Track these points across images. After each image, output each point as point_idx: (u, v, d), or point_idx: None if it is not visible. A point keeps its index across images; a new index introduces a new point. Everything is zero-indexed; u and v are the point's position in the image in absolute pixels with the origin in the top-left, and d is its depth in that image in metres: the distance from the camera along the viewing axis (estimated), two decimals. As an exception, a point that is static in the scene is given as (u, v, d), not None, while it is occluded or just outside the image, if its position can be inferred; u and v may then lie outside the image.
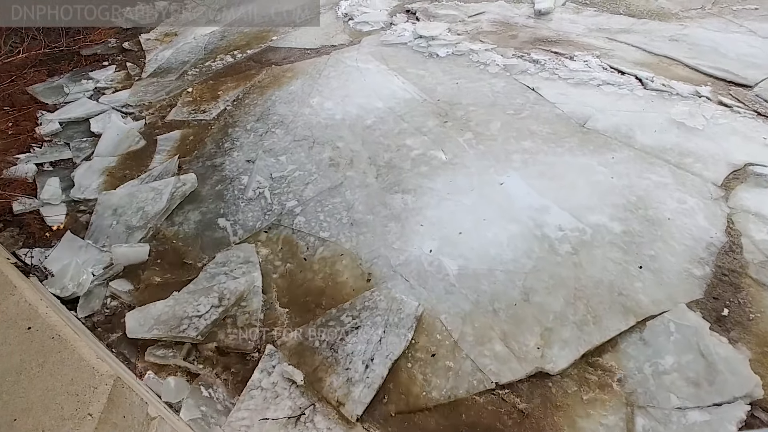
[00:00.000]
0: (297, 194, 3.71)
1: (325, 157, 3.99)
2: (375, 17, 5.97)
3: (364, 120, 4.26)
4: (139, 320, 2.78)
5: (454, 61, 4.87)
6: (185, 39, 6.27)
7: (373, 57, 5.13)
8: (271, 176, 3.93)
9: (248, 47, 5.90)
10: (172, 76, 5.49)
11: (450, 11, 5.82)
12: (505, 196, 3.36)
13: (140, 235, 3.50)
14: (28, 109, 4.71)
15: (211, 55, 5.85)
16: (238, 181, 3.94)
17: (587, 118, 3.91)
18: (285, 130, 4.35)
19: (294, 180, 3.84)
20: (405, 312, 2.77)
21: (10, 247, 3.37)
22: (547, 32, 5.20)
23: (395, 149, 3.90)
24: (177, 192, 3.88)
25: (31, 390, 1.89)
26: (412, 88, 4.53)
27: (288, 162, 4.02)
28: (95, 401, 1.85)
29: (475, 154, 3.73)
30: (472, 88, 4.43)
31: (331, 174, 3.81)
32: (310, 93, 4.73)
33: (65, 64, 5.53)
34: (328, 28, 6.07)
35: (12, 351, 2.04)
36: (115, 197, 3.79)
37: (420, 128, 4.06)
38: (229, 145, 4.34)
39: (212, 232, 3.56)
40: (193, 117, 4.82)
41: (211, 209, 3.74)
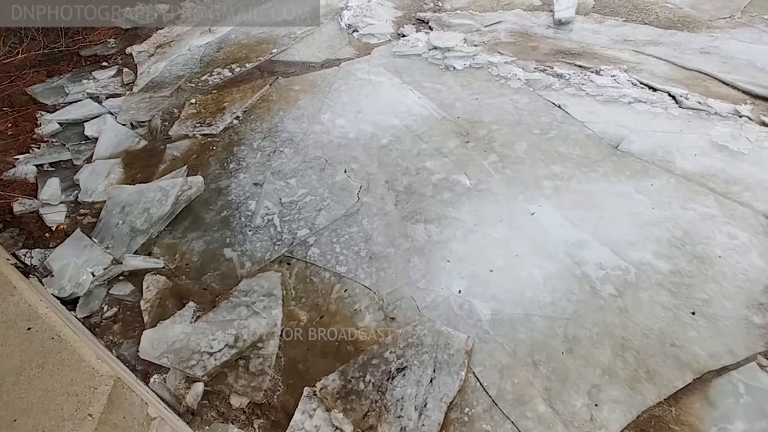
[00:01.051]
0: (309, 222, 3.43)
1: (338, 181, 3.71)
2: (381, 29, 5.67)
3: (379, 139, 3.97)
4: (154, 342, 2.68)
5: (473, 75, 4.59)
6: (179, 50, 5.84)
7: (386, 69, 4.85)
8: (281, 201, 3.64)
9: (247, 60, 5.48)
10: (166, 91, 5.09)
11: (464, 20, 5.54)
12: (537, 228, 3.08)
13: (142, 240, 3.41)
14: (28, 110, 4.68)
15: (207, 69, 5.43)
16: (245, 207, 3.66)
17: (620, 139, 3.63)
18: (294, 149, 4.06)
19: (305, 206, 3.56)
20: (454, 347, 2.51)
21: (10, 248, 3.34)
22: (569, 44, 4.93)
23: (414, 172, 3.62)
24: (182, 196, 3.66)
25: (30, 391, 1.88)
26: (429, 104, 4.25)
27: (298, 185, 3.73)
28: (95, 402, 1.84)
29: (502, 180, 3.44)
30: (493, 105, 4.15)
31: (345, 199, 3.53)
32: (320, 108, 4.45)
33: (64, 65, 5.49)
34: (332, 40, 5.69)
35: (12, 352, 2.03)
36: (125, 193, 3.69)
37: (440, 149, 3.78)
38: (235, 166, 4.06)
39: (217, 264, 3.28)
40: (199, 131, 4.54)
41: (216, 238, 3.45)
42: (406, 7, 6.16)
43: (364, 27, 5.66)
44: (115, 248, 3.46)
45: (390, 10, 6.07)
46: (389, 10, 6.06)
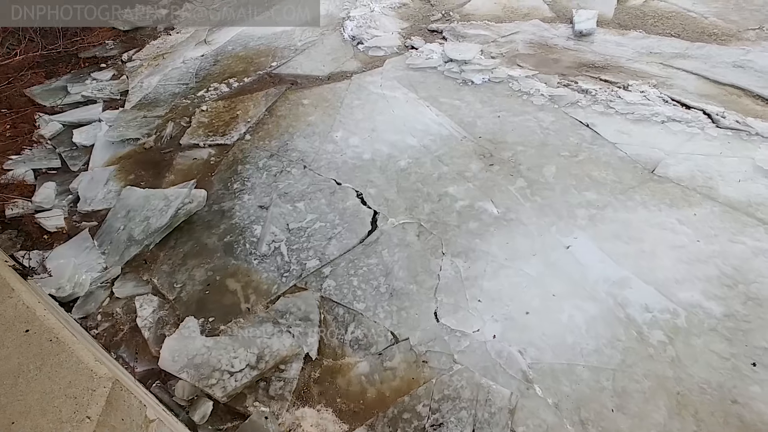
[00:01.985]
0: (318, 251, 3.20)
1: (350, 206, 3.47)
2: (388, 41, 5.40)
3: (396, 161, 3.73)
4: (174, 353, 2.62)
5: (492, 90, 4.35)
6: (173, 63, 5.52)
7: (400, 83, 4.60)
8: (288, 227, 3.40)
9: (245, 74, 5.17)
10: (160, 110, 4.77)
11: (480, 31, 5.30)
12: (574, 264, 2.83)
13: (136, 250, 3.35)
14: (26, 112, 4.68)
15: (204, 84, 5.11)
16: (249, 232, 3.41)
17: (656, 162, 3.39)
18: (302, 170, 3.82)
19: (314, 233, 3.31)
20: (496, 404, 2.28)
21: (8, 250, 3.33)
22: (592, 56, 4.68)
23: (436, 199, 3.37)
24: (183, 209, 3.51)
25: (29, 393, 1.87)
26: (448, 122, 4.00)
27: (307, 210, 3.49)
28: (93, 404, 1.83)
29: (532, 208, 3.20)
30: (516, 123, 3.90)
31: (357, 227, 3.29)
32: (332, 125, 4.20)
33: (63, 67, 5.48)
34: (336, 52, 5.35)
35: (10, 354, 2.02)
36: (134, 196, 3.66)
37: (463, 173, 3.53)
38: (239, 186, 3.81)
39: (220, 296, 3.04)
40: (212, 140, 4.35)
41: (219, 266, 3.21)
42: (412, 18, 5.91)
43: (369, 39, 5.40)
44: (110, 255, 3.36)
45: (395, 21, 5.81)
46: (395, 21, 5.80)
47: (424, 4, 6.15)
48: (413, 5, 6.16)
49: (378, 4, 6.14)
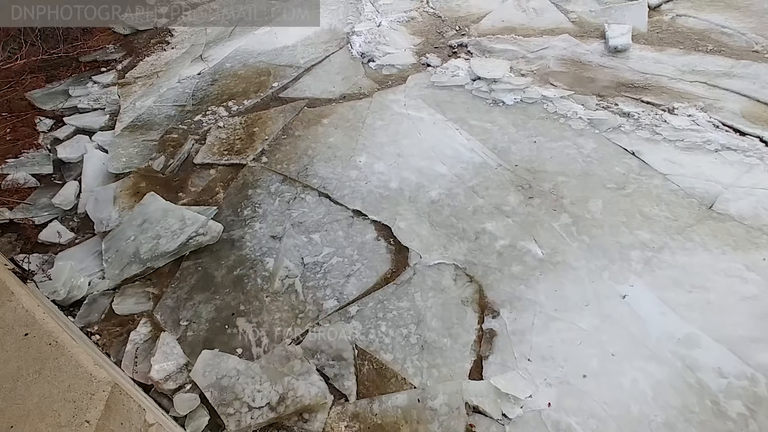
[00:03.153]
0: (336, 290, 2.93)
1: (368, 240, 3.21)
2: (401, 58, 5.02)
3: (427, 191, 3.44)
4: (207, 367, 2.55)
5: (525, 112, 4.05)
6: (168, 82, 5.14)
7: (425, 102, 4.31)
8: (303, 261, 3.13)
9: (245, 96, 4.80)
10: (155, 134, 4.45)
11: (507, 46, 5.01)
12: (633, 317, 2.53)
13: (136, 270, 3.19)
14: (27, 115, 4.68)
15: (201, 106, 4.74)
16: (261, 265, 3.15)
17: (714, 197, 3.09)
18: (316, 198, 3.60)
19: (331, 269, 3.04)
20: None
21: (8, 253, 3.31)
22: (630, 75, 4.39)
23: (473, 237, 3.08)
24: (194, 240, 3.28)
25: (28, 397, 1.88)
26: (480, 148, 3.71)
27: (323, 242, 3.22)
28: (92, 408, 1.84)
29: (580, 249, 2.90)
30: (555, 150, 3.61)
31: (377, 264, 3.03)
32: (354, 148, 3.92)
33: (63, 71, 5.47)
34: (345, 70, 5.00)
35: (9, 357, 2.03)
36: (154, 207, 3.52)
37: (500, 206, 3.24)
38: (250, 213, 3.55)
39: (228, 337, 2.80)
40: (227, 159, 4.08)
41: (228, 303, 2.95)
42: (423, 33, 5.60)
43: (381, 56, 5.09)
44: (112, 266, 3.24)
45: (406, 37, 5.51)
46: (406, 37, 5.50)
47: (434, 19, 5.85)
48: (422, 19, 5.87)
49: (384, 18, 5.85)
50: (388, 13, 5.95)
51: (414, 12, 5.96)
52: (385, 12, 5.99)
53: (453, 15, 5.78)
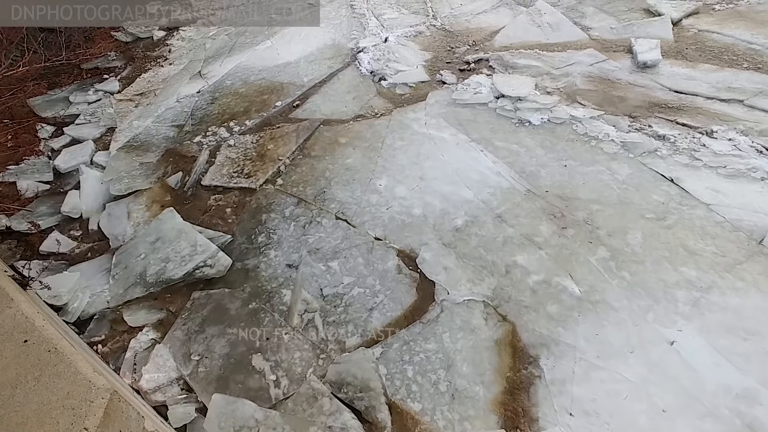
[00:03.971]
0: (359, 326, 2.75)
1: (390, 268, 3.02)
2: (414, 76, 4.80)
3: (452, 219, 3.24)
4: (222, 416, 2.35)
5: (554, 133, 3.85)
6: (166, 100, 5.01)
7: (447, 121, 4.13)
8: (322, 292, 2.95)
9: (247, 116, 4.63)
10: (152, 155, 4.32)
11: (531, 61, 4.81)
12: (683, 366, 2.32)
13: (139, 293, 3.10)
14: (28, 122, 4.72)
15: (201, 127, 4.59)
16: (278, 297, 2.97)
17: (764, 231, 2.87)
18: (333, 221, 3.43)
19: (353, 301, 2.86)
20: None
21: (8, 260, 3.30)
22: (662, 93, 4.17)
23: (504, 270, 2.87)
24: (199, 271, 3.14)
25: (26, 404, 1.88)
26: (507, 172, 3.51)
27: (342, 271, 3.03)
28: (91, 415, 1.83)
29: (620, 287, 2.68)
30: (587, 176, 3.40)
31: (401, 296, 2.85)
32: (373, 170, 3.73)
33: (65, 78, 5.50)
34: (355, 89, 4.82)
35: (8, 364, 2.03)
36: (171, 224, 3.44)
37: (531, 237, 3.03)
38: (264, 240, 3.37)
39: (244, 376, 2.62)
40: (236, 182, 3.91)
41: (243, 339, 2.79)
42: (433, 48, 5.42)
43: (393, 75, 4.89)
44: (117, 283, 3.19)
45: (416, 53, 5.32)
46: (415, 53, 5.31)
47: (443, 34, 5.68)
48: (430, 33, 5.70)
49: (390, 32, 5.67)
50: (393, 28, 5.79)
51: (421, 26, 5.80)
52: (390, 27, 5.83)
53: (463, 30, 5.61)
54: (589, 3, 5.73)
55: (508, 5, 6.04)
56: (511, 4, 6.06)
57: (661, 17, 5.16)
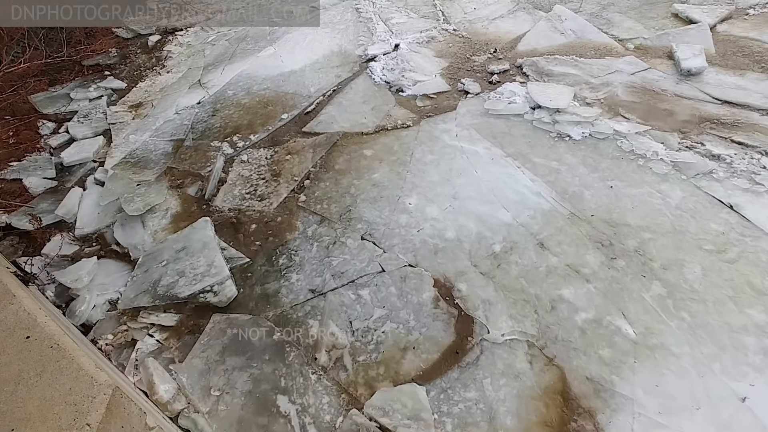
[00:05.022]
0: (392, 368, 2.56)
1: (426, 300, 2.79)
2: (434, 85, 4.54)
3: (489, 244, 3.00)
4: None
5: (596, 149, 3.58)
6: (165, 112, 4.73)
7: (480, 134, 3.87)
8: (351, 326, 2.74)
9: (251, 129, 4.34)
10: (150, 173, 4.02)
11: (568, 69, 4.53)
12: (759, 428, 2.04)
13: (147, 302, 2.98)
14: (29, 119, 4.70)
15: (203, 142, 4.28)
16: (304, 329, 2.78)
17: (839, 269, 2.56)
18: (358, 242, 3.21)
19: (385, 338, 2.66)
20: None
21: (10, 256, 3.30)
22: (713, 107, 3.87)
23: (549, 306, 2.62)
24: (203, 296, 2.99)
25: (29, 400, 1.90)
26: (547, 192, 3.26)
27: (373, 301, 2.82)
28: (93, 411, 1.84)
29: (680, 330, 2.42)
30: (636, 199, 3.13)
31: (439, 334, 2.62)
32: (402, 187, 3.49)
33: (66, 74, 5.46)
34: (372, 99, 4.52)
35: (10, 360, 2.05)
36: (199, 235, 3.30)
37: (578, 268, 2.78)
38: (285, 262, 3.16)
39: (269, 419, 2.45)
40: (248, 204, 3.68)
41: (267, 375, 2.58)
42: (448, 55, 5.13)
43: (411, 86, 4.58)
44: (132, 285, 3.09)
45: (432, 60, 5.02)
46: (431, 60, 5.02)
47: (457, 39, 5.40)
48: (443, 39, 5.42)
49: (400, 39, 5.37)
50: (402, 33, 5.51)
51: (433, 31, 5.52)
52: (400, 32, 5.55)
53: (481, 37, 5.33)
54: (613, 10, 5.43)
55: (526, 10, 5.73)
56: (528, 8, 5.75)
57: (697, 24, 4.85)
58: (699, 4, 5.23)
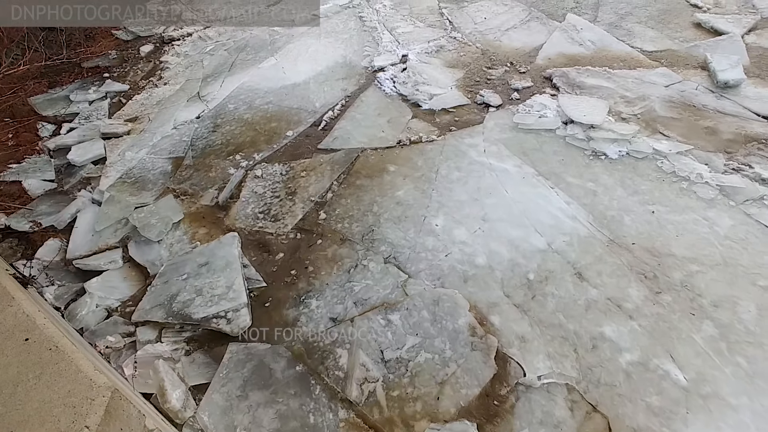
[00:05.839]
0: (429, 404, 2.37)
1: (462, 327, 2.62)
2: (451, 99, 4.25)
3: (523, 272, 2.82)
4: None
5: (635, 169, 3.37)
6: (162, 128, 4.49)
7: (509, 149, 3.68)
8: (382, 356, 2.56)
9: (254, 147, 4.12)
10: (148, 194, 3.80)
11: (600, 81, 4.31)
12: (832, 496, 1.83)
13: (160, 317, 2.88)
14: (29, 121, 4.69)
15: (204, 160, 4.08)
16: (332, 359, 2.62)
17: None
18: (381, 265, 3.04)
19: (420, 371, 2.47)
20: None
21: (9, 258, 3.29)
22: (758, 125, 3.66)
23: (589, 345, 2.43)
24: (214, 322, 2.81)
25: (27, 402, 1.89)
26: (584, 216, 3.06)
27: (405, 328, 2.65)
28: (92, 413, 1.84)
29: (736, 377, 2.22)
30: (680, 226, 2.92)
31: (478, 369, 2.45)
32: (428, 206, 3.32)
33: (66, 76, 5.44)
34: (387, 111, 4.30)
35: (9, 362, 2.05)
36: (224, 251, 3.19)
37: (619, 302, 2.58)
38: (304, 286, 3.00)
39: None
40: (261, 225, 3.52)
41: (294, 411, 2.42)
42: (461, 65, 4.88)
43: (428, 100, 4.33)
44: (149, 297, 3.00)
45: (444, 71, 4.79)
46: (443, 72, 4.78)
47: (468, 48, 5.16)
48: (453, 48, 5.19)
49: (408, 49, 5.16)
50: (410, 43, 5.30)
51: (441, 41, 5.30)
52: (406, 42, 5.34)
53: (495, 48, 5.10)
54: (631, 20, 5.19)
55: (539, 19, 5.49)
56: (542, 18, 5.51)
57: (728, 35, 4.61)
58: (722, 14, 5.00)
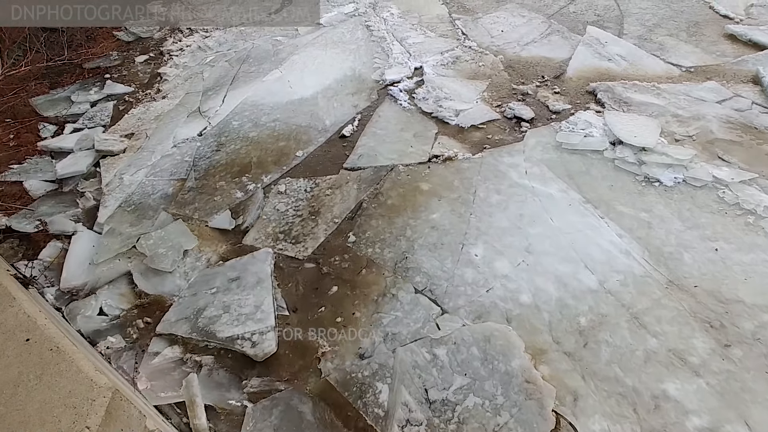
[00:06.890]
0: None
1: (516, 369, 2.41)
2: (479, 114, 4.10)
3: (573, 315, 2.58)
4: None
5: (693, 200, 3.09)
6: (161, 145, 4.18)
7: (552, 171, 3.43)
8: (426, 395, 2.39)
9: (262, 168, 3.83)
10: (149, 223, 3.49)
11: (649, 98, 4.02)
12: None
13: (184, 331, 2.80)
14: (30, 122, 4.69)
15: (208, 182, 3.77)
16: (371, 394, 2.45)
17: None
18: (412, 295, 2.84)
19: (468, 417, 2.30)
20: None
21: (10, 259, 3.26)
22: (830, 153, 3.30)
23: (650, 403, 2.20)
24: (238, 344, 2.70)
25: (28, 403, 1.90)
26: (638, 251, 2.81)
27: (452, 365, 2.48)
28: (93, 414, 1.86)
29: (824, 453, 1.94)
30: (748, 267, 2.66)
31: (532, 419, 2.23)
32: (466, 233, 3.09)
33: (67, 77, 5.43)
34: (409, 126, 4.04)
35: (10, 363, 2.06)
36: (257, 267, 3.09)
37: (683, 355, 2.33)
38: (329, 315, 2.83)
39: None
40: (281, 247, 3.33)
41: None
42: (482, 76, 4.61)
43: (455, 116, 4.08)
44: (177, 307, 2.92)
45: (465, 84, 4.50)
46: (464, 84, 4.50)
47: (486, 58, 4.88)
48: (470, 59, 4.93)
49: (421, 61, 4.85)
50: (421, 55, 5.01)
51: (456, 51, 5.02)
52: (418, 53, 5.05)
53: (521, 63, 4.81)
54: (661, 33, 4.88)
55: (560, 33, 5.18)
56: (563, 31, 5.20)
57: None
58: (757, 25, 4.67)
